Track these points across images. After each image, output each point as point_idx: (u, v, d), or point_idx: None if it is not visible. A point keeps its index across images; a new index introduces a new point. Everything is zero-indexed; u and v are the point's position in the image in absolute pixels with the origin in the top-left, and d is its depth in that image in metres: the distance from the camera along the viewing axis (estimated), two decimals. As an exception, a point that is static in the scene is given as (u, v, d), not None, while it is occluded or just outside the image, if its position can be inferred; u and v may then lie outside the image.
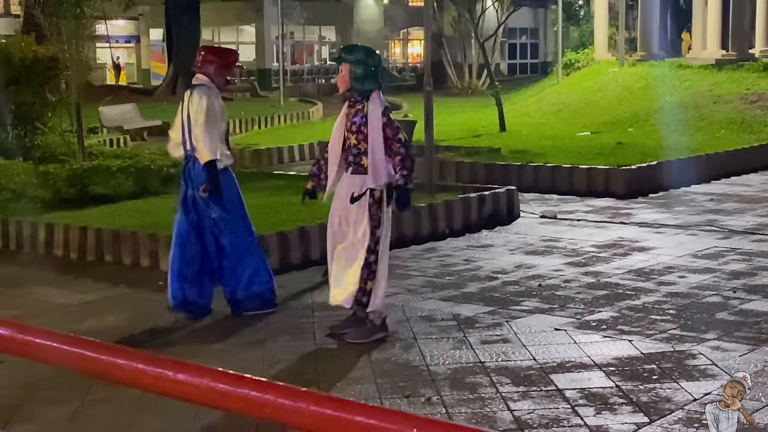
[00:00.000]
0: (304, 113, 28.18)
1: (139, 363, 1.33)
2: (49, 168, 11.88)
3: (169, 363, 1.31)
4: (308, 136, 19.82)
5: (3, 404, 5.41)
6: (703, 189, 13.45)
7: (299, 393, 1.19)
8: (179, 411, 5.24)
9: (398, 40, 55.65)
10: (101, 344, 1.43)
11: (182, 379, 1.28)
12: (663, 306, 7.34)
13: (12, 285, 8.68)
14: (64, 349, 1.42)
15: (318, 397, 1.19)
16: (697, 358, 6.04)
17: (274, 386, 1.23)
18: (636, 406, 5.23)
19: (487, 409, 5.26)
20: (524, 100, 27.73)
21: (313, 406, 1.15)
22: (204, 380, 1.26)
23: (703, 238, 10.06)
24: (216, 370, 1.30)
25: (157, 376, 1.30)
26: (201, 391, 1.27)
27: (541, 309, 7.34)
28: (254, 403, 1.22)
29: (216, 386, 1.25)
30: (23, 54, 13.94)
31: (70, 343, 1.41)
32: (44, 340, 1.44)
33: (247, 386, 1.24)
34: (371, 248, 6.43)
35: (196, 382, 1.26)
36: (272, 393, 1.20)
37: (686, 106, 20.75)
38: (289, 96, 35.05)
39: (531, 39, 52.38)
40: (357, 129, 6.48)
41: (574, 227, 10.84)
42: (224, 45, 44.06)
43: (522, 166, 13.85)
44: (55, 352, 1.43)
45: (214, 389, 1.25)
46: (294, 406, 1.17)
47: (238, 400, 1.24)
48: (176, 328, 7.16)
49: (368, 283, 6.46)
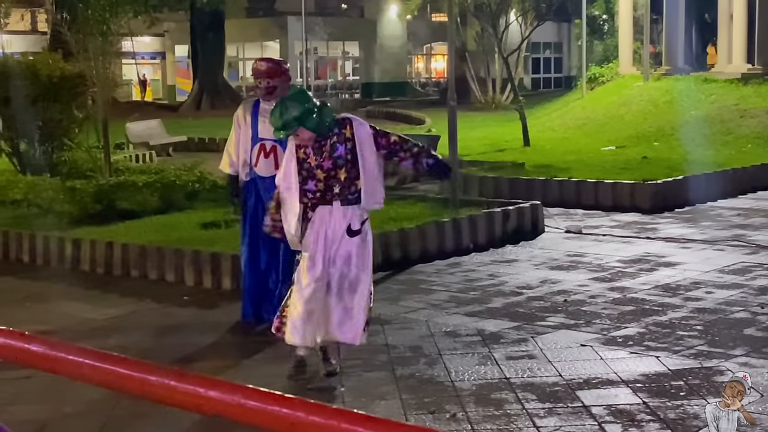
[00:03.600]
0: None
1: (170, 380, 1.33)
2: (76, 184, 11.96)
3: (201, 380, 1.31)
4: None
5: (30, 419, 5.44)
6: (730, 204, 13.36)
7: (330, 411, 1.19)
8: (204, 426, 5.25)
9: (421, 55, 55.76)
10: (133, 361, 1.44)
11: (213, 396, 1.28)
12: (690, 322, 7.29)
13: (39, 300, 8.73)
14: (95, 365, 1.43)
15: (350, 415, 1.19)
16: (725, 374, 5.99)
17: (306, 404, 1.23)
18: (663, 423, 5.20)
19: (513, 426, 5.23)
20: (548, 114, 27.68)
21: (344, 423, 1.15)
22: (235, 397, 1.26)
23: (730, 253, 9.99)
24: (247, 387, 1.31)
25: (189, 392, 1.30)
26: (232, 407, 1.27)
27: (567, 325, 7.30)
28: (285, 421, 1.22)
29: (247, 403, 1.26)
30: (50, 71, 14.06)
31: (102, 360, 1.42)
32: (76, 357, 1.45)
33: (278, 403, 1.24)
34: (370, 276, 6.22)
35: (227, 399, 1.27)
36: (303, 410, 1.20)
37: (712, 121, 20.65)
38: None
39: (555, 53, 52.33)
40: (345, 160, 5.99)
41: (600, 242, 10.80)
42: (248, 61, 44.36)
43: (546, 180, 13.82)
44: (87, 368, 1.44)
45: (245, 406, 1.26)
46: (325, 423, 1.17)
47: (269, 416, 1.24)
48: (202, 343, 7.18)
49: (369, 313, 6.28)
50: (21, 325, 7.61)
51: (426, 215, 10.36)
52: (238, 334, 7.41)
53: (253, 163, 7.32)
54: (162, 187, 11.82)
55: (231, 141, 7.46)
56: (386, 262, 9.31)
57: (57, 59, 14.53)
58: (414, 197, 12.16)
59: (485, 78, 38.51)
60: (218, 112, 28.74)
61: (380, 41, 49.30)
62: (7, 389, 5.95)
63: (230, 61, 45.92)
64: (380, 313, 7.71)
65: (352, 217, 6.05)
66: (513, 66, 24.55)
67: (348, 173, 6.02)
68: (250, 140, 7.33)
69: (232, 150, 7.43)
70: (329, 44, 48.41)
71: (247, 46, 47.45)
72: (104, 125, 13.68)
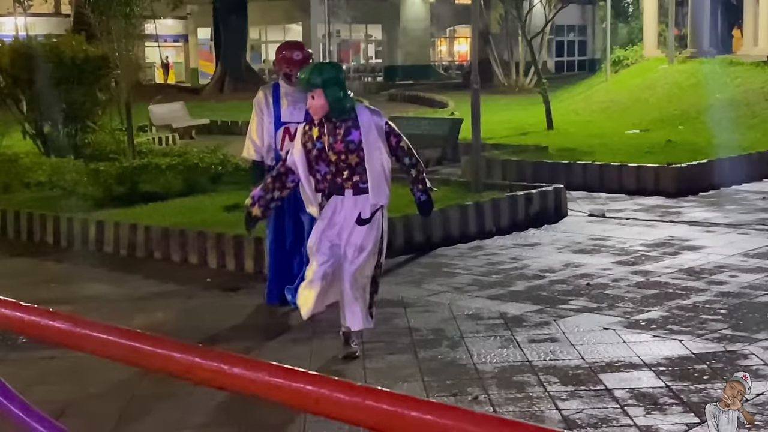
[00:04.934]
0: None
1: (195, 356, 1.33)
2: (100, 166, 12.02)
3: (225, 356, 1.32)
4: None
5: (53, 399, 5.48)
6: (755, 188, 13.27)
7: (355, 388, 1.19)
8: (226, 407, 5.28)
9: (444, 38, 55.56)
10: (157, 338, 1.45)
11: (238, 372, 1.28)
12: (714, 306, 7.25)
13: (63, 281, 8.80)
14: (119, 342, 1.43)
15: (374, 392, 1.19)
16: (749, 358, 5.97)
17: (330, 381, 1.23)
18: (687, 407, 5.18)
19: (535, 408, 5.23)
20: (572, 97, 27.54)
21: (369, 400, 1.15)
22: (260, 374, 1.26)
23: (754, 237, 9.92)
24: (272, 364, 1.31)
25: (214, 369, 1.30)
26: (257, 384, 1.28)
27: (590, 308, 7.29)
28: (309, 398, 1.22)
29: (272, 380, 1.26)
30: (74, 53, 14.11)
31: (126, 337, 1.42)
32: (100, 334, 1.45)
33: (302, 380, 1.24)
34: (379, 264, 6.29)
35: (252, 375, 1.27)
36: (327, 388, 1.20)
37: (737, 104, 20.48)
38: (336, 94, 35.08)
39: (579, 36, 52.03)
40: (357, 146, 6.02)
41: (623, 226, 10.75)
42: (271, 44, 44.37)
43: (570, 164, 13.76)
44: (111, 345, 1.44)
45: (270, 383, 1.26)
46: (350, 401, 1.17)
47: (294, 394, 1.24)
48: (224, 324, 7.22)
49: (375, 297, 6.35)
50: (45, 305, 7.68)
51: (449, 198, 10.34)
52: (262, 316, 7.44)
53: (279, 147, 7.32)
54: (185, 170, 11.86)
55: (253, 127, 7.45)
56: (409, 245, 9.31)
57: (80, 41, 14.59)
58: (437, 180, 12.12)
59: (509, 61, 38.35)
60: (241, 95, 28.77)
61: (403, 24, 49.17)
62: (31, 369, 6.00)
63: (253, 44, 45.93)
64: (403, 296, 7.72)
65: (363, 206, 6.09)
66: (537, 49, 24.43)
67: (359, 160, 6.05)
68: (273, 125, 7.33)
69: (255, 136, 7.42)
70: (352, 27, 48.33)
71: (269, 28, 47.44)
72: (127, 107, 13.74)
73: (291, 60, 7.32)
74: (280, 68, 7.40)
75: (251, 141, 7.46)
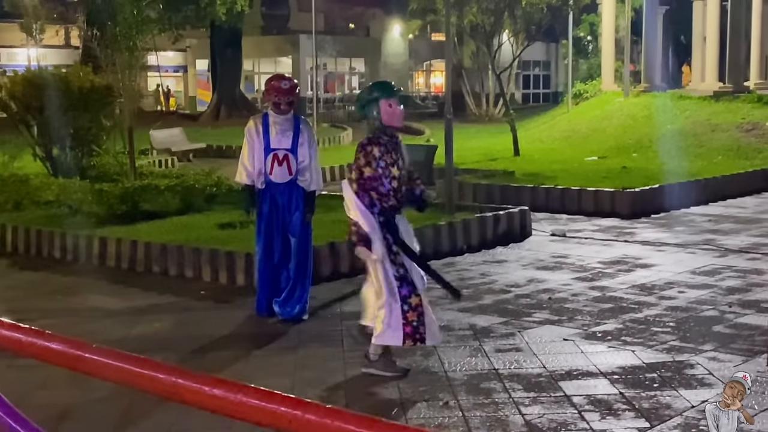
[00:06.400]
0: (336, 137, 28.24)
1: (178, 378, 1.32)
2: (104, 186, 11.95)
3: (206, 379, 1.30)
4: (338, 159, 19.84)
5: (55, 404, 5.42)
6: (702, 210, 13.34)
7: (324, 409, 1.18)
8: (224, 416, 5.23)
9: (422, 71, 55.69)
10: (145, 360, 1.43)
11: (218, 394, 1.26)
12: (664, 319, 7.27)
13: (68, 293, 8.72)
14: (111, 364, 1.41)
15: (342, 414, 1.18)
16: (695, 367, 5.97)
17: (303, 403, 1.21)
18: (638, 412, 5.17)
19: (501, 413, 5.21)
20: (537, 126, 27.64)
21: (337, 422, 1.14)
22: (238, 396, 1.25)
23: (701, 256, 9.96)
24: (249, 387, 1.29)
25: (195, 390, 1.29)
26: (235, 405, 1.26)
27: (551, 320, 7.28)
28: (284, 418, 1.21)
29: (248, 401, 1.24)
30: (81, 83, 14.05)
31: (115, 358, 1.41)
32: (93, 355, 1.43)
33: (277, 402, 1.23)
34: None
35: (230, 397, 1.25)
36: (300, 409, 1.19)
37: (686, 134, 20.62)
38: (322, 122, 35.07)
39: (543, 71, 52.24)
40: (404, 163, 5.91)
41: (582, 245, 10.77)
42: (263, 75, 44.34)
43: (534, 187, 13.79)
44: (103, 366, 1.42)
45: (247, 404, 1.24)
46: (320, 422, 1.15)
47: (269, 414, 1.23)
48: (217, 334, 7.16)
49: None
50: (52, 315, 7.61)
51: (423, 219, 10.30)
52: (251, 327, 7.39)
53: (268, 171, 7.30)
54: (182, 191, 11.80)
55: (245, 154, 7.43)
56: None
57: (87, 72, 14.53)
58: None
59: (479, 93, 38.48)
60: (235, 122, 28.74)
61: (384, 58, 49.24)
62: (35, 374, 5.92)
63: (246, 74, 45.86)
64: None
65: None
66: (505, 82, 24.52)
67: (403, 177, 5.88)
68: (263, 151, 7.32)
69: (247, 161, 7.39)
70: (337, 60, 48.36)
71: (262, 61, 47.39)
72: (130, 133, 13.67)
73: (279, 89, 7.31)
74: (269, 97, 7.38)
75: (243, 166, 7.44)
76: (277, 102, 7.28)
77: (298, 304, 7.43)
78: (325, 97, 46.52)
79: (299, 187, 7.36)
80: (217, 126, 33.56)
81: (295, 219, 7.37)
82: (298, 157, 7.30)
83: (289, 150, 7.26)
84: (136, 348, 6.52)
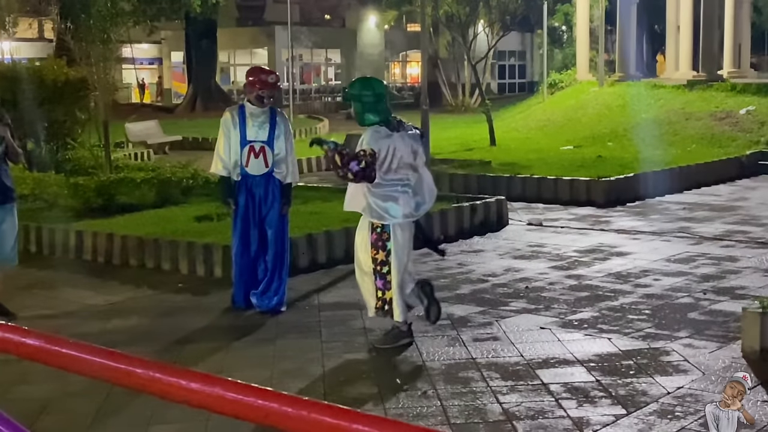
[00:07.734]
0: (312, 128, 28.16)
1: (155, 372, 1.32)
2: (79, 180, 11.88)
3: (183, 372, 1.30)
4: (316, 151, 19.77)
5: (34, 398, 5.39)
6: (676, 199, 13.43)
7: (301, 402, 1.18)
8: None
9: (398, 62, 55.66)
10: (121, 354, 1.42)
11: (195, 387, 1.26)
12: (639, 306, 7.32)
13: (45, 287, 8.67)
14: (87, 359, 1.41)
15: (318, 406, 1.18)
16: (670, 354, 6.03)
17: (279, 395, 1.22)
18: (614, 399, 5.21)
19: (479, 402, 5.24)
20: (512, 116, 27.71)
21: (313, 414, 1.15)
22: (215, 389, 1.25)
23: (676, 243, 10.04)
24: (226, 380, 1.29)
25: (172, 384, 1.28)
26: (211, 399, 1.26)
27: (528, 309, 7.32)
28: (260, 411, 1.21)
29: (225, 395, 1.24)
30: (55, 76, 13.95)
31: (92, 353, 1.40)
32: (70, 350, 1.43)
33: (253, 395, 1.23)
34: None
35: (207, 390, 1.25)
36: (276, 402, 1.19)
37: (660, 123, 20.73)
38: (298, 113, 35.00)
39: (519, 61, 52.37)
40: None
41: (558, 234, 10.82)
42: (239, 67, 44.15)
43: (510, 177, 13.84)
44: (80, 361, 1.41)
45: (224, 397, 1.24)
46: (296, 413, 1.16)
47: (246, 407, 1.23)
48: (195, 326, 7.15)
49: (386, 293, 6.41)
50: (29, 310, 7.55)
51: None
52: (229, 318, 7.38)
53: (244, 163, 7.28)
54: (158, 183, 11.75)
55: (220, 145, 7.40)
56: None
57: (61, 65, 14.42)
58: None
59: (455, 83, 38.49)
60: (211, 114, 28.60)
61: (360, 49, 49.17)
62: (14, 369, 5.89)
63: (222, 66, 45.64)
64: (359, 299, 7.69)
65: None
66: (481, 72, 24.52)
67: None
68: (239, 143, 7.29)
69: (222, 153, 7.37)
70: (313, 51, 48.21)
71: (237, 52, 47.16)
72: (105, 126, 13.59)
73: (266, 82, 7.28)
74: (253, 89, 7.30)
75: (219, 157, 7.41)
76: (260, 95, 7.24)
77: (276, 295, 7.42)
78: (302, 88, 46.39)
79: (275, 179, 7.34)
80: (193, 118, 33.41)
81: (271, 211, 7.36)
82: (274, 149, 7.29)
83: (265, 142, 7.25)
84: (114, 341, 6.50)
